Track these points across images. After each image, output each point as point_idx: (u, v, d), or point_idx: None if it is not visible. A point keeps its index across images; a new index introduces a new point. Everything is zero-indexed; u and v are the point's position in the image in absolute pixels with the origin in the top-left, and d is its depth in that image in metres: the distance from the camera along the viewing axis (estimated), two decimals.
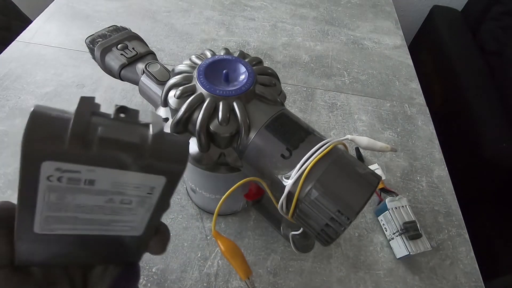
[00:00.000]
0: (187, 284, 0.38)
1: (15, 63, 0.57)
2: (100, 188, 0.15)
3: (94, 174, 0.14)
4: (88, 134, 0.13)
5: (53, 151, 0.13)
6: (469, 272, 0.43)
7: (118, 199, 0.16)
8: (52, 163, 0.13)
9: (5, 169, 0.44)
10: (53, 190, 0.14)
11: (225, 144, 0.27)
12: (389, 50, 0.74)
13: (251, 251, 0.41)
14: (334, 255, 0.42)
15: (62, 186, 0.14)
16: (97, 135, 0.14)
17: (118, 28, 0.37)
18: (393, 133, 0.58)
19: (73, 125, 0.13)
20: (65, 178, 0.14)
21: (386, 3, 0.88)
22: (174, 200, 0.44)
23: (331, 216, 0.22)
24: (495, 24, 0.98)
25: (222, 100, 0.26)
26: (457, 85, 0.87)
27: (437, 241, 0.45)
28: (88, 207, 0.16)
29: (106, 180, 0.15)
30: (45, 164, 0.13)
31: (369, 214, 0.47)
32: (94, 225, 0.17)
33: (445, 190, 0.51)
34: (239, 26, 0.73)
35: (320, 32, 0.76)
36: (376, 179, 0.23)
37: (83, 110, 0.14)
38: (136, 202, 0.17)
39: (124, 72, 0.34)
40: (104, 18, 0.68)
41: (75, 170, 0.14)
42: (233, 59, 0.29)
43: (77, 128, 0.13)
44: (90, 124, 0.14)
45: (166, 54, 0.64)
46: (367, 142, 0.28)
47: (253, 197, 0.37)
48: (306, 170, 0.23)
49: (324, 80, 0.65)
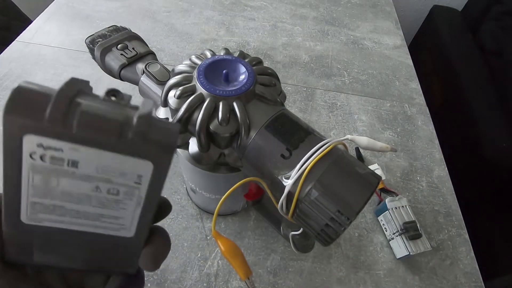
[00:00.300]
0: (187, 284, 0.38)
1: (15, 63, 0.57)
2: (84, 172, 0.15)
3: (77, 154, 0.14)
4: (70, 108, 0.13)
5: (33, 123, 0.13)
6: (469, 272, 0.43)
7: (105, 188, 0.16)
8: (33, 137, 0.13)
9: None
10: (37, 170, 0.14)
11: (225, 144, 0.27)
12: (389, 50, 0.74)
13: (251, 251, 0.41)
14: (334, 255, 0.42)
15: (46, 166, 0.14)
16: (79, 109, 0.13)
17: (118, 28, 0.37)
18: (393, 133, 0.58)
19: (55, 99, 0.13)
20: (48, 157, 0.14)
21: (386, 3, 0.88)
22: (174, 200, 0.44)
23: (331, 216, 0.22)
24: (495, 24, 0.98)
25: (222, 100, 0.26)
26: (457, 85, 0.87)
27: (437, 241, 0.45)
28: (74, 195, 0.15)
29: (90, 163, 0.15)
30: (27, 139, 0.13)
31: (369, 214, 0.47)
32: (82, 218, 0.16)
33: (445, 190, 0.51)
34: (239, 26, 0.73)
35: (320, 32, 0.76)
36: (376, 179, 0.23)
37: (70, 87, 0.14)
38: (124, 193, 0.16)
39: (124, 72, 0.34)
40: (104, 18, 0.68)
41: (57, 148, 0.14)
42: (233, 59, 0.29)
43: (58, 101, 0.13)
44: (73, 100, 0.13)
45: (166, 54, 0.64)
46: (367, 142, 0.28)
47: (253, 197, 0.37)
48: (306, 170, 0.23)
49: (324, 80, 0.65)
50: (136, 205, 0.17)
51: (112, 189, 0.16)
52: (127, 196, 0.16)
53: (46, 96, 0.13)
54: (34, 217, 0.16)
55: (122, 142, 0.14)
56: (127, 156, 0.15)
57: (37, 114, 0.13)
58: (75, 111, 0.13)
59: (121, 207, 0.17)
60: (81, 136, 0.14)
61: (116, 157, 0.15)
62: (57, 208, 0.16)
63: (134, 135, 0.14)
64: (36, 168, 0.14)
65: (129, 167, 0.15)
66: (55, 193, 0.15)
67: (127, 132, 0.14)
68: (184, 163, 0.32)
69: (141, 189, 0.16)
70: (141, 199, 0.17)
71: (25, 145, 0.13)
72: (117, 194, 0.16)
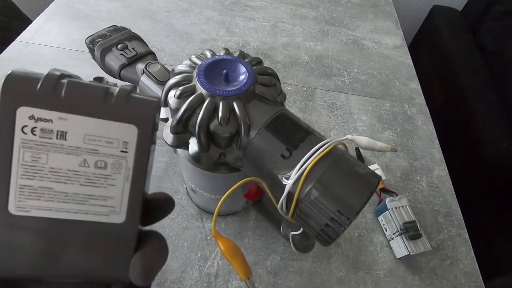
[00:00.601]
0: (187, 284, 0.38)
1: (15, 63, 0.57)
2: (72, 143, 0.16)
3: (66, 123, 0.15)
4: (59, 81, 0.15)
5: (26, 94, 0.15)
6: (469, 272, 0.43)
7: (92, 161, 0.16)
8: (26, 109, 0.15)
9: None
10: (27, 146, 0.15)
11: (225, 144, 0.27)
12: (389, 50, 0.74)
13: (251, 251, 0.41)
14: (334, 255, 0.42)
15: (36, 140, 0.15)
16: (67, 80, 0.15)
17: (118, 28, 0.37)
18: (393, 133, 0.58)
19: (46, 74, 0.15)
20: (38, 130, 0.15)
21: (386, 3, 0.88)
22: (174, 200, 0.44)
23: (331, 216, 0.22)
24: (495, 24, 0.98)
25: (222, 100, 0.26)
26: (457, 85, 0.87)
27: (437, 241, 0.45)
28: (63, 172, 0.16)
29: (78, 132, 0.16)
30: (20, 111, 0.15)
31: (369, 214, 0.47)
32: (71, 202, 0.16)
33: (445, 190, 0.51)
34: (239, 26, 0.73)
35: (320, 32, 0.76)
36: (376, 179, 0.23)
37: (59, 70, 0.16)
38: (112, 166, 0.17)
39: (124, 72, 0.34)
40: (104, 18, 0.68)
41: (47, 119, 0.15)
42: (233, 59, 0.29)
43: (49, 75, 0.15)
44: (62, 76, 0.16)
45: (166, 54, 0.64)
46: (367, 142, 0.28)
47: (253, 197, 0.37)
48: (306, 170, 0.23)
49: (324, 80, 0.65)
50: (125, 180, 0.17)
51: (100, 162, 0.16)
52: (115, 169, 0.17)
53: (39, 74, 0.15)
54: (22, 204, 0.16)
55: (107, 106, 0.16)
56: (112, 121, 0.16)
57: (31, 86, 0.15)
58: (64, 83, 0.15)
59: (110, 183, 0.17)
60: (69, 103, 0.15)
61: (102, 123, 0.16)
62: (45, 191, 0.16)
63: (117, 98, 0.16)
64: (26, 144, 0.15)
65: (115, 133, 0.16)
66: (44, 171, 0.16)
67: (111, 97, 0.16)
68: (184, 163, 0.32)
69: (128, 159, 0.17)
70: (129, 172, 0.17)
71: (18, 118, 0.15)
72: (105, 167, 0.17)
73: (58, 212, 0.16)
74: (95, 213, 0.17)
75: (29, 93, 0.15)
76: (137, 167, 0.17)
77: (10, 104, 0.15)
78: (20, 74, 0.15)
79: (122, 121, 0.16)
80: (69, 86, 0.15)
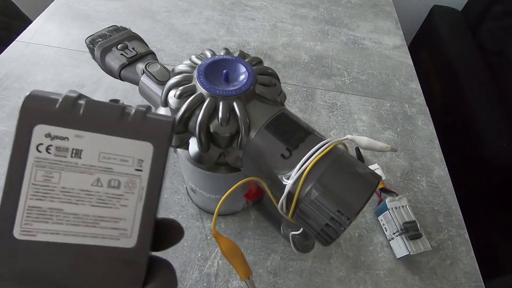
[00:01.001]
0: (187, 284, 0.38)
1: (15, 63, 0.57)
2: (87, 161, 0.15)
3: (82, 141, 0.15)
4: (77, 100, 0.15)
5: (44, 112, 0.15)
6: (469, 272, 0.43)
7: (106, 180, 0.16)
8: (43, 127, 0.14)
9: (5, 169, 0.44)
10: (40, 165, 0.15)
11: (225, 144, 0.27)
12: (389, 50, 0.74)
13: (251, 251, 0.41)
14: (334, 255, 0.42)
15: (50, 159, 0.15)
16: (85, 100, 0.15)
17: (118, 28, 0.37)
18: (393, 133, 0.58)
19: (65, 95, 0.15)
20: (53, 148, 0.15)
21: (386, 3, 0.88)
22: (174, 200, 0.44)
23: (331, 216, 0.22)
24: (495, 24, 0.98)
25: (222, 100, 0.26)
26: (457, 85, 0.87)
27: (437, 241, 0.45)
28: (75, 192, 0.15)
29: (93, 150, 0.15)
30: (37, 128, 0.14)
31: (369, 214, 0.47)
32: (80, 225, 0.15)
33: (445, 190, 0.51)
34: (239, 26, 0.73)
35: (320, 32, 0.76)
36: (376, 179, 0.23)
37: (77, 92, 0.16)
38: (125, 185, 0.16)
39: (124, 72, 0.34)
40: (104, 18, 0.68)
41: (64, 136, 0.15)
42: (233, 59, 0.29)
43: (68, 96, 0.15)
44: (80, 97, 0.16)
45: (166, 54, 0.64)
46: (367, 142, 0.28)
47: (253, 197, 0.37)
48: (306, 170, 0.23)
49: (324, 80, 0.65)
50: (138, 200, 0.16)
51: (113, 181, 0.16)
52: (128, 188, 0.16)
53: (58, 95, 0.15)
54: (28, 228, 0.15)
55: (123, 125, 0.16)
56: (128, 138, 0.16)
57: (49, 105, 0.15)
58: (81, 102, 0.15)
59: (122, 203, 0.16)
60: (86, 121, 0.15)
61: (118, 140, 0.16)
62: (54, 213, 0.15)
63: (133, 117, 0.16)
64: (40, 163, 0.15)
65: (130, 151, 0.16)
66: (55, 192, 0.15)
67: (127, 116, 0.16)
68: (184, 163, 0.32)
69: (142, 177, 0.16)
70: (143, 191, 0.16)
71: (34, 136, 0.14)
72: (118, 186, 0.16)
73: (65, 236, 0.15)
74: (105, 237, 0.16)
75: (48, 111, 0.15)
76: (151, 186, 0.16)
77: (27, 122, 0.14)
78: (39, 94, 0.15)
79: (138, 138, 0.16)
80: (87, 104, 0.15)
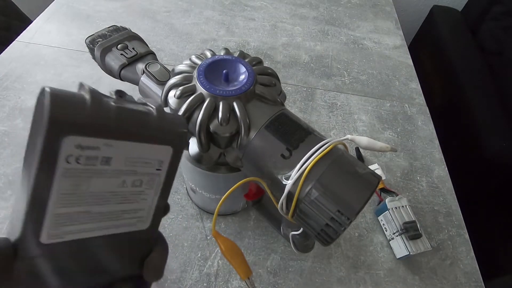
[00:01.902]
0: (187, 284, 0.38)
1: (15, 63, 0.57)
2: (115, 167, 0.15)
3: (111, 150, 0.15)
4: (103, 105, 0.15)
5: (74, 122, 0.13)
6: (469, 272, 0.43)
7: (130, 180, 0.16)
8: (74, 138, 0.13)
9: (5, 169, 0.44)
10: (69, 175, 0.14)
11: (225, 144, 0.27)
12: (389, 50, 0.74)
13: (251, 251, 0.41)
14: (334, 255, 0.42)
15: (79, 168, 0.14)
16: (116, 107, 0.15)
17: (118, 28, 0.37)
18: (393, 133, 0.58)
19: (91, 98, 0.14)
20: (83, 158, 0.14)
21: (386, 3, 0.88)
22: (174, 200, 0.44)
23: (331, 216, 0.22)
24: (495, 24, 0.98)
25: (222, 100, 0.26)
26: (457, 85, 0.87)
27: (437, 241, 0.45)
28: (102, 195, 0.16)
29: (121, 157, 0.16)
30: (67, 140, 0.13)
31: (369, 214, 0.47)
32: (105, 221, 0.16)
33: (445, 190, 0.51)
34: (239, 26, 0.73)
35: (320, 32, 0.76)
36: (376, 179, 0.23)
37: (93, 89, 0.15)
38: (146, 183, 0.17)
39: (124, 72, 0.34)
40: (104, 18, 0.68)
41: (95, 146, 0.14)
42: (233, 59, 0.29)
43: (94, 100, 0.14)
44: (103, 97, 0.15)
45: (166, 54, 0.64)
46: (367, 142, 0.28)
47: (253, 197, 0.37)
48: (306, 170, 0.23)
49: (324, 80, 0.65)
50: (155, 193, 0.18)
51: (137, 181, 0.17)
52: (148, 185, 0.18)
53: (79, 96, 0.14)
54: (55, 232, 0.15)
55: (148, 130, 0.17)
56: (152, 144, 0.17)
57: (78, 114, 0.13)
58: (110, 108, 0.15)
59: (142, 197, 0.18)
60: (116, 129, 0.15)
61: (143, 146, 0.16)
62: (81, 215, 0.15)
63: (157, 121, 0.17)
64: (69, 173, 0.14)
65: (153, 154, 0.17)
66: (83, 197, 0.15)
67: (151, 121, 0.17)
68: (184, 163, 0.32)
69: (161, 175, 0.18)
70: (160, 186, 0.18)
71: (63, 148, 0.13)
72: (140, 185, 0.17)
73: (91, 232, 0.16)
74: (125, 225, 0.18)
75: (78, 121, 0.13)
76: (167, 182, 0.18)
77: (56, 133, 0.13)
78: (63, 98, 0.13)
79: (161, 143, 0.17)
80: (117, 112, 0.15)
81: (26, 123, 0.49)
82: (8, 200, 0.41)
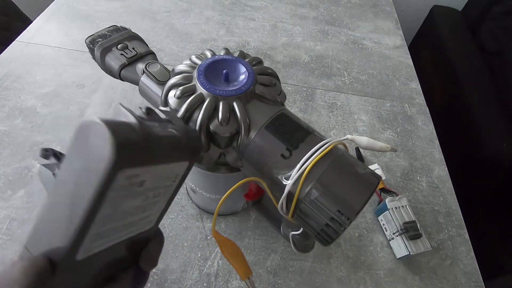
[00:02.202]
0: (187, 284, 0.38)
1: (15, 63, 0.57)
2: (146, 187, 0.16)
3: (147, 174, 0.16)
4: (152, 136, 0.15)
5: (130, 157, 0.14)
6: (469, 272, 0.43)
7: (152, 194, 0.17)
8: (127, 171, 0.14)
9: (5, 169, 0.44)
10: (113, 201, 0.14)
11: (225, 144, 0.27)
12: (389, 50, 0.74)
13: (251, 251, 0.41)
14: (334, 255, 0.42)
15: (122, 194, 0.15)
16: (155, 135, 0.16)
17: (118, 28, 0.37)
18: (393, 133, 0.58)
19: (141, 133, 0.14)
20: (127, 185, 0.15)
21: (386, 3, 0.88)
22: (174, 200, 0.44)
23: (331, 216, 0.22)
24: (495, 24, 0.98)
25: (222, 100, 0.26)
26: (457, 85, 0.87)
27: (437, 241, 0.45)
28: (130, 211, 0.16)
29: (153, 178, 0.16)
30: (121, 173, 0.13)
31: (369, 214, 0.47)
32: (125, 229, 0.17)
33: (445, 190, 0.51)
34: (239, 26, 0.73)
35: (320, 32, 0.76)
36: (376, 179, 0.23)
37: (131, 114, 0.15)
38: (163, 193, 0.18)
39: (124, 72, 0.34)
40: (104, 18, 0.68)
41: (138, 174, 0.15)
42: (233, 59, 0.29)
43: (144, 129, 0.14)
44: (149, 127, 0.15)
45: (166, 54, 0.64)
46: (367, 142, 0.28)
47: (253, 197, 0.37)
48: (306, 170, 0.23)
49: (324, 80, 0.65)
50: (166, 199, 0.19)
51: (156, 194, 0.18)
52: (164, 195, 0.19)
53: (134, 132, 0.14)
54: (87, 249, 0.15)
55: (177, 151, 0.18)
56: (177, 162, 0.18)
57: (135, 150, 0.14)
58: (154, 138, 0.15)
59: (156, 205, 0.19)
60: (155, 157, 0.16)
61: (171, 166, 0.18)
62: (110, 231, 0.16)
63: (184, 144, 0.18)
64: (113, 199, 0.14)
65: (174, 170, 0.18)
66: (117, 216, 0.16)
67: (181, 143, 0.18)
68: None
69: (174, 184, 0.19)
70: (171, 193, 0.20)
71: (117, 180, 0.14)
72: (158, 196, 0.18)
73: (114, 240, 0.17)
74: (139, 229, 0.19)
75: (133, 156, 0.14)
76: (176, 189, 0.20)
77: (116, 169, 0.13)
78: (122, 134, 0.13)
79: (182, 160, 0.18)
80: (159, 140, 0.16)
81: (26, 123, 0.49)
82: (8, 200, 0.41)
